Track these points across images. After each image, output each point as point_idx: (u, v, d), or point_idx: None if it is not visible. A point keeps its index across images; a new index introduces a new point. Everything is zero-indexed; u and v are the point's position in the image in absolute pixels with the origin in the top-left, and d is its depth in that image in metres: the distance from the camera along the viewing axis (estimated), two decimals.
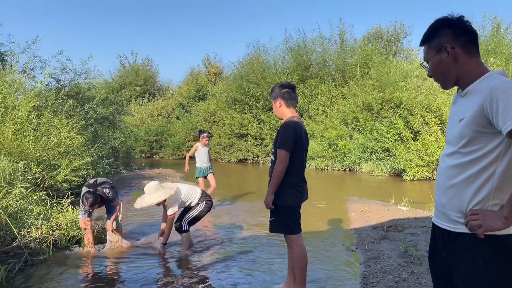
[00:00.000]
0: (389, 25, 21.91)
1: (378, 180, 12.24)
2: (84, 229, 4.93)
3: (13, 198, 4.71)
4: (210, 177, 7.86)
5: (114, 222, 5.18)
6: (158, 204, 4.79)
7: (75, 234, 5.05)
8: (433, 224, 1.86)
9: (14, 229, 4.32)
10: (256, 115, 18.88)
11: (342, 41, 18.32)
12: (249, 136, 18.90)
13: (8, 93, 7.16)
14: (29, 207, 4.78)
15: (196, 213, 4.96)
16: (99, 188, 4.94)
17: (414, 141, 12.09)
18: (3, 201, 4.46)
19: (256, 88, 18.38)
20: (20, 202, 4.81)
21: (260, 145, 18.68)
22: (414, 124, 11.91)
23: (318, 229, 6.15)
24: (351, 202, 8.26)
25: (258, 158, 18.83)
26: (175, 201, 4.78)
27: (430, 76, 1.84)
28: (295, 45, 18.90)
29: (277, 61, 19.70)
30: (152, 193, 4.72)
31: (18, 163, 5.72)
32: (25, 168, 5.91)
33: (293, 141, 3.32)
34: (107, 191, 5.00)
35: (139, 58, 30.73)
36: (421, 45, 1.83)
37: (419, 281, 3.74)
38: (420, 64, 1.90)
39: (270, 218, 3.48)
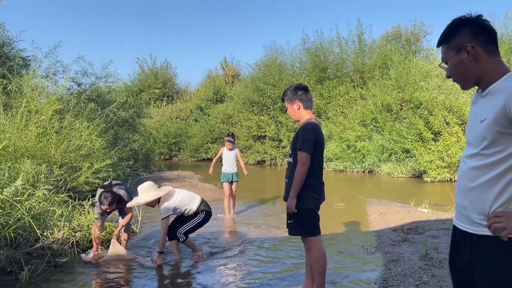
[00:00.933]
0: (408, 25, 21.62)
1: (398, 182, 12.08)
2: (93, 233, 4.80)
3: (36, 200, 4.81)
4: (235, 185, 7.47)
5: (123, 228, 5.02)
6: (152, 205, 4.65)
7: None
8: (454, 227, 1.82)
9: (38, 230, 4.41)
10: (273, 117, 18.88)
11: (360, 42, 18.18)
12: (267, 137, 18.92)
13: (31, 97, 7.34)
14: (52, 208, 4.87)
15: (193, 225, 4.70)
16: (114, 188, 4.89)
17: (434, 142, 11.90)
18: (27, 202, 4.56)
19: (274, 89, 18.38)
20: (43, 204, 4.91)
21: (278, 146, 18.68)
22: (435, 124, 11.72)
23: (337, 231, 6.10)
24: (370, 204, 8.17)
25: (275, 159, 18.82)
26: (169, 204, 4.56)
27: (449, 77, 1.80)
28: (313, 46, 18.87)
29: (295, 62, 19.71)
30: (145, 192, 4.58)
31: (41, 165, 5.84)
32: (48, 170, 6.03)
33: (313, 143, 3.32)
34: (122, 192, 4.94)
35: (158, 61, 31.08)
36: (438, 45, 1.79)
37: (440, 285, 3.67)
38: (439, 65, 1.86)
39: (289, 220, 3.46)
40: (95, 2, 59.73)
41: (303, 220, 3.38)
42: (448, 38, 1.73)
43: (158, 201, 4.64)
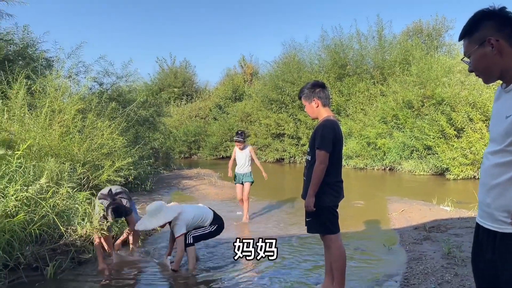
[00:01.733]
0: (430, 19, 21.18)
1: (420, 179, 11.89)
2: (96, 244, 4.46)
3: (60, 197, 4.92)
4: (246, 185, 6.84)
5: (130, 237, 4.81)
6: (161, 227, 4.46)
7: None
8: (477, 225, 1.79)
9: (62, 227, 4.51)
10: (292, 115, 18.82)
11: (380, 38, 17.93)
12: (286, 135, 18.88)
13: (55, 97, 7.51)
14: (75, 206, 4.96)
15: (205, 232, 4.51)
16: (117, 199, 4.49)
17: (457, 138, 11.66)
18: (51, 200, 4.66)
19: (292, 87, 18.31)
20: (67, 201, 5.02)
21: (297, 144, 18.62)
22: (458, 121, 11.48)
23: (357, 229, 6.05)
24: (391, 202, 8.07)
25: (295, 157, 18.77)
26: (181, 223, 4.27)
27: (471, 71, 1.77)
28: (332, 43, 18.71)
29: (313, 59, 19.58)
30: (154, 215, 4.26)
31: (64, 164, 5.97)
32: (71, 168, 6.16)
33: (332, 141, 3.29)
34: (125, 201, 4.57)
35: (177, 60, 31.37)
36: (460, 39, 1.76)
37: (463, 283, 3.60)
38: (461, 60, 1.82)
39: (307, 218, 3.45)
40: (114, 2, 60.59)
41: (322, 218, 3.36)
42: (470, 31, 1.70)
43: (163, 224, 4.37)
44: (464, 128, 11.44)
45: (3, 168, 4.47)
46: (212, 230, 4.56)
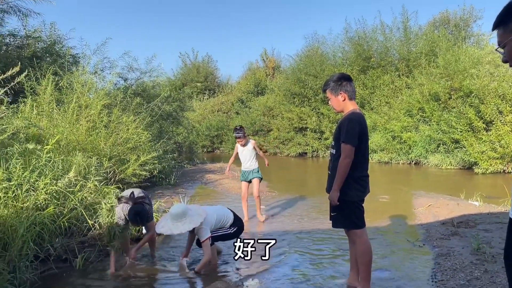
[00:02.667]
0: (457, 9, 20.56)
1: (447, 174, 11.63)
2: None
3: (88, 191, 5.03)
4: (255, 182, 6.48)
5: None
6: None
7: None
8: (510, 220, 1.72)
9: (89, 221, 4.62)
10: (315, 108, 18.68)
11: (406, 29, 17.52)
12: (308, 129, 18.75)
13: (81, 92, 7.66)
14: (103, 201, 5.04)
15: (225, 233, 4.49)
16: (139, 203, 4.22)
17: (486, 131, 11.34)
18: (79, 194, 4.78)
19: (315, 80, 18.15)
20: (94, 195, 5.13)
21: (320, 138, 18.48)
22: (487, 113, 11.16)
23: (382, 224, 5.96)
24: (417, 197, 7.92)
25: (317, 151, 18.64)
26: (206, 227, 4.20)
27: (505, 62, 1.70)
28: (355, 35, 18.44)
29: (337, 52, 19.34)
30: (177, 219, 4.09)
31: (91, 158, 6.10)
32: (98, 163, 6.28)
33: (358, 135, 3.21)
34: (147, 207, 4.32)
35: (200, 55, 31.56)
36: (494, 28, 1.68)
37: (493, 280, 3.51)
38: (495, 49, 1.75)
39: (332, 213, 3.41)
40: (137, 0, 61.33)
41: (347, 213, 3.32)
42: (505, 20, 1.62)
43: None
44: (493, 121, 11.10)
45: (33, 162, 4.59)
46: (232, 232, 4.54)
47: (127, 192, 4.37)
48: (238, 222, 4.64)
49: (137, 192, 4.40)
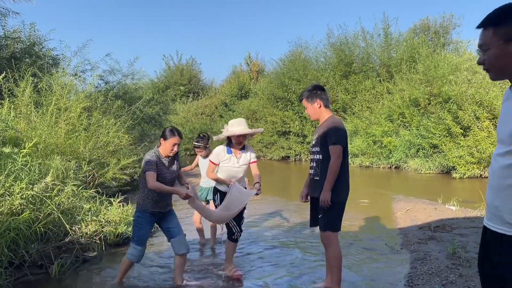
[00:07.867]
0: (437, 17, 21.01)
1: (426, 178, 11.82)
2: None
3: (66, 196, 4.95)
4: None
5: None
6: (239, 142, 4.07)
7: (122, 230, 5.21)
8: (484, 227, 1.76)
9: (67, 225, 4.54)
10: (298, 112, 18.78)
11: (386, 35, 17.82)
12: (291, 133, 18.85)
13: (61, 95, 7.54)
14: (80, 204, 4.98)
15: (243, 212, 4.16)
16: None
17: (464, 137, 11.58)
18: (56, 198, 4.69)
19: (298, 85, 18.27)
20: (72, 200, 5.04)
21: (303, 142, 18.58)
22: (464, 119, 11.40)
23: (361, 228, 6.02)
24: (396, 201, 8.03)
25: (300, 155, 18.73)
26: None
27: (481, 63, 1.66)
28: (337, 41, 18.65)
29: (319, 57, 19.53)
30: (241, 124, 4.04)
31: (70, 162, 6.01)
32: (77, 166, 6.19)
33: (345, 136, 3.45)
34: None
35: (184, 58, 31.46)
36: (481, 26, 1.62)
37: (467, 285, 3.58)
38: (478, 47, 1.68)
39: (319, 215, 3.45)
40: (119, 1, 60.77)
41: (333, 214, 3.40)
42: (497, 23, 1.56)
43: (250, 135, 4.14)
44: (470, 126, 11.35)
45: (9, 166, 4.50)
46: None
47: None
48: None
49: None
